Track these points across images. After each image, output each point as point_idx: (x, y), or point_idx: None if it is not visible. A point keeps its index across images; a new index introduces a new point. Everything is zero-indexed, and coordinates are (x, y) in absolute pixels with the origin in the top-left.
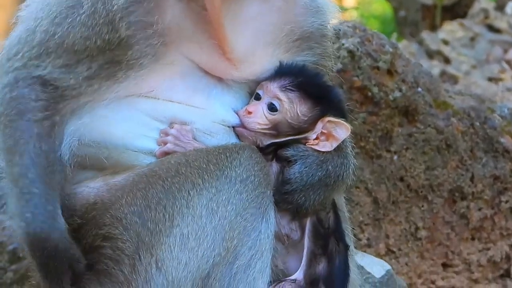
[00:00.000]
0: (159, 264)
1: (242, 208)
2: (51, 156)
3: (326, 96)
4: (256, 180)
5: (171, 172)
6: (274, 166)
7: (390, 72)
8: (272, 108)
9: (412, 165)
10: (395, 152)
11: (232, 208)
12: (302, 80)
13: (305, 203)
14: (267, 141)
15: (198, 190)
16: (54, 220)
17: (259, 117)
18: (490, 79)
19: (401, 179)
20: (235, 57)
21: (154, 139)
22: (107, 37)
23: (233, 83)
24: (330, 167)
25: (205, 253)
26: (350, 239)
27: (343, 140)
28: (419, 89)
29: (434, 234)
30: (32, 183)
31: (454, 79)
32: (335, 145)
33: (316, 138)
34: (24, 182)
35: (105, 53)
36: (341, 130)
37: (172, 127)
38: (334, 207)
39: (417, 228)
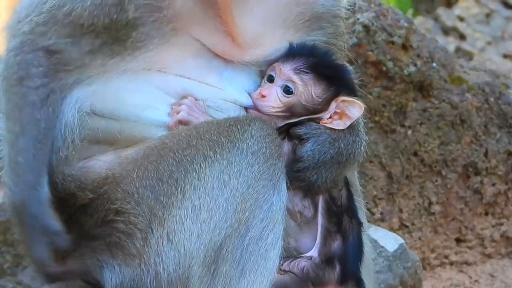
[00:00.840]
0: (171, 237)
1: (253, 180)
2: (42, 124)
3: (339, 76)
4: (267, 152)
5: (182, 144)
6: (286, 145)
7: (405, 47)
8: (287, 91)
9: (426, 140)
10: (409, 127)
11: (244, 180)
12: (314, 61)
13: (317, 181)
14: (281, 123)
15: (209, 162)
16: (34, 191)
17: (273, 100)
18: (505, 56)
19: (415, 154)
20: (244, 41)
21: (166, 113)
22: (114, 16)
23: (244, 65)
24: (342, 145)
25: (217, 225)
26: (363, 214)
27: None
28: (434, 64)
29: (447, 209)
30: (19, 152)
31: (469, 56)
32: (348, 123)
33: (330, 117)
34: (12, 150)
35: (110, 32)
36: (355, 109)
37: (186, 98)
38: (346, 184)
39: (430, 203)
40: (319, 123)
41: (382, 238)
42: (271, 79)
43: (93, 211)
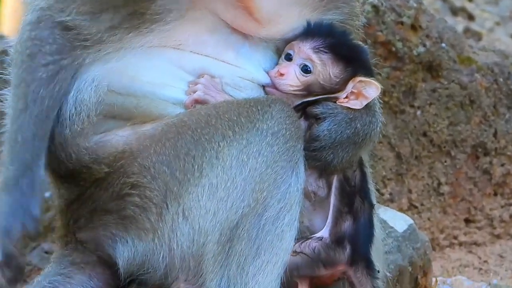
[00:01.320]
0: (186, 213)
1: (272, 160)
2: (46, 102)
3: (356, 57)
4: (287, 133)
5: (201, 123)
6: (302, 124)
7: (414, 27)
8: (305, 70)
9: (435, 120)
10: (418, 107)
11: (263, 160)
12: (333, 41)
13: (333, 161)
14: (297, 101)
15: (228, 141)
16: (29, 171)
17: (291, 79)
18: None
19: (424, 134)
20: (261, 16)
21: (182, 90)
22: None
23: (260, 42)
24: (358, 125)
25: (234, 203)
26: (373, 195)
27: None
28: (443, 44)
29: (456, 189)
30: (19, 129)
31: (477, 36)
32: (364, 103)
33: (346, 97)
34: (12, 126)
35: (129, 5)
36: (371, 89)
37: (202, 77)
38: (361, 164)
39: (439, 183)
40: (335, 102)
41: (391, 219)
42: (289, 58)
43: (108, 185)
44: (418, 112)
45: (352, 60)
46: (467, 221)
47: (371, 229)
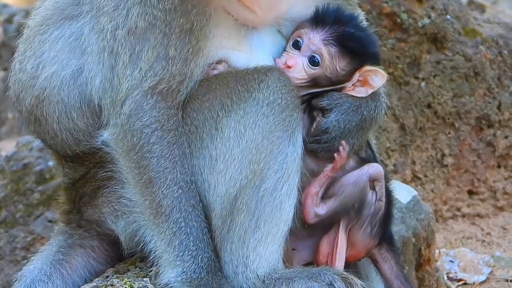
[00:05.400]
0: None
1: (268, 131)
2: (186, 163)
3: (364, 48)
4: (283, 102)
5: (203, 89)
6: (306, 119)
7: None
8: (313, 61)
9: (439, 92)
10: (423, 79)
11: (259, 131)
12: (342, 31)
13: None
14: (303, 92)
15: (226, 111)
16: (216, 266)
17: (298, 71)
18: None
19: (429, 106)
20: (259, 9)
21: None
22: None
23: (265, 28)
24: (365, 111)
25: (232, 176)
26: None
27: None
28: (448, 16)
29: (460, 161)
30: (186, 216)
31: (481, 8)
32: (370, 91)
33: (352, 86)
34: (175, 215)
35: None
36: (378, 78)
37: (220, 64)
38: (368, 142)
39: (443, 155)
40: (341, 91)
41: (395, 190)
42: (297, 46)
43: (112, 164)
44: (423, 84)
45: (359, 52)
46: (471, 193)
47: (391, 207)
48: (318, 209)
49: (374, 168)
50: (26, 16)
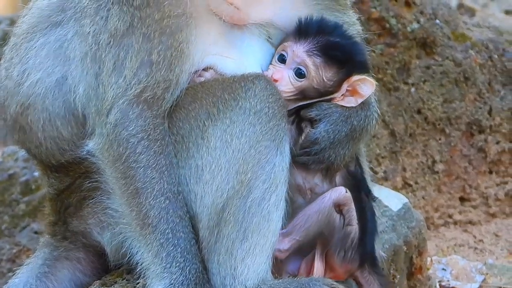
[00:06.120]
0: None
1: (255, 140)
2: (172, 173)
3: (350, 56)
4: (270, 111)
5: (189, 97)
6: (294, 130)
7: (408, 4)
8: (299, 74)
9: (429, 97)
10: (412, 84)
11: (246, 141)
12: (326, 41)
13: (336, 160)
14: (292, 106)
15: (212, 120)
16: (204, 277)
17: (285, 84)
18: (507, 12)
19: (419, 112)
20: (242, 4)
21: None
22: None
23: (254, 32)
24: (355, 121)
25: (219, 186)
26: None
27: None
28: (437, 21)
29: (451, 167)
30: (173, 227)
31: (471, 12)
32: (360, 101)
33: (342, 96)
34: (162, 226)
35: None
36: (366, 87)
37: (207, 71)
38: (356, 157)
39: (434, 161)
40: (330, 101)
41: (385, 198)
42: (282, 59)
43: (98, 175)
44: (412, 89)
45: (345, 62)
46: (462, 199)
47: (375, 225)
48: (281, 245)
49: (337, 193)
50: (11, 24)
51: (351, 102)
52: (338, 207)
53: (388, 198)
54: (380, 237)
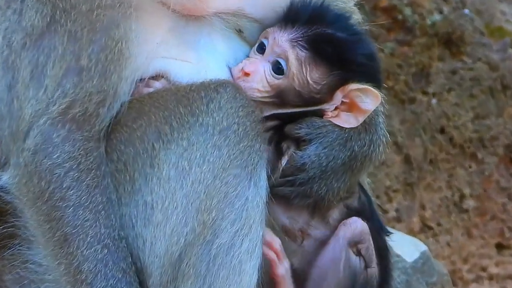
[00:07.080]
0: None
1: (221, 168)
2: (112, 213)
3: (347, 57)
4: (240, 129)
5: (132, 113)
6: (270, 152)
7: None
8: (277, 68)
9: (456, 112)
10: (433, 95)
11: (209, 169)
12: (318, 31)
13: (327, 194)
14: (268, 112)
15: (164, 142)
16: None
17: (258, 81)
18: None
19: (442, 131)
20: None
21: None
22: None
23: (217, 24)
24: (356, 147)
25: (175, 229)
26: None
27: None
28: (466, 10)
29: (485, 204)
30: (114, 285)
31: None
32: (361, 119)
33: (336, 109)
34: (100, 284)
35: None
36: (369, 100)
37: (157, 80)
38: (360, 185)
39: (462, 196)
40: (323, 117)
41: (398, 244)
42: (262, 49)
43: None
44: (433, 101)
45: (339, 62)
46: (500, 246)
47: (390, 271)
48: None
49: (351, 228)
50: None
51: (349, 120)
52: (355, 246)
53: (401, 245)
54: None
